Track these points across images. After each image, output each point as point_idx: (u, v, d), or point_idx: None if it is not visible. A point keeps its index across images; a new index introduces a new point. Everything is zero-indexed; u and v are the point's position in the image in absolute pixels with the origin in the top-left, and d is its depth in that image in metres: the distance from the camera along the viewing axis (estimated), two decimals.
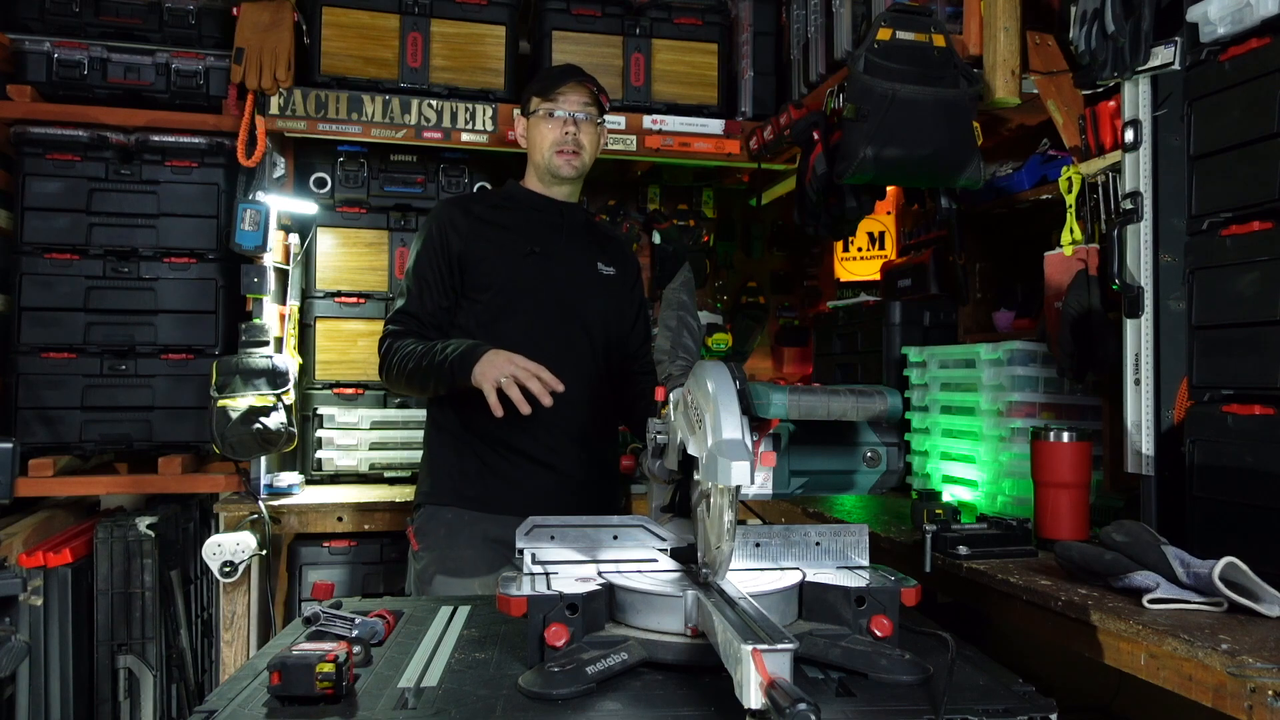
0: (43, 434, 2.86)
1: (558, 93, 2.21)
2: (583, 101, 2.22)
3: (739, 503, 1.16)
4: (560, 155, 2.21)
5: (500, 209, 2.26)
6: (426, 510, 2.14)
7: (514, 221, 2.23)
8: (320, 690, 1.06)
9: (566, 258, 2.22)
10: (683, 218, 3.79)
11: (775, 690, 0.90)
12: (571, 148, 2.21)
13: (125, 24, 3.03)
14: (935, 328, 2.80)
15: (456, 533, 2.08)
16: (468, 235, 2.17)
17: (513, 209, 2.26)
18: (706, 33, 3.30)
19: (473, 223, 2.19)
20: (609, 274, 2.29)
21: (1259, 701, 1.12)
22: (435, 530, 2.10)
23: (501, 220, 2.22)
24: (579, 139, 2.21)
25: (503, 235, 2.20)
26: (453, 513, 2.10)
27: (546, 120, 2.21)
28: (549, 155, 2.21)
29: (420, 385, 2.07)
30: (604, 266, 2.28)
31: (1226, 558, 1.37)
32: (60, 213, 2.91)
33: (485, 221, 2.21)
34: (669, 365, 1.43)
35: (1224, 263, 1.60)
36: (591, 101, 2.24)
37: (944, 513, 1.93)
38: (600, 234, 2.38)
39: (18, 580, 1.98)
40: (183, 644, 3.00)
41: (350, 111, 2.95)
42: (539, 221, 2.24)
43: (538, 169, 2.26)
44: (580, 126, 2.21)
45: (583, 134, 2.22)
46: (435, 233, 2.18)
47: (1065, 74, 2.06)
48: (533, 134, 2.25)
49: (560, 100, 2.21)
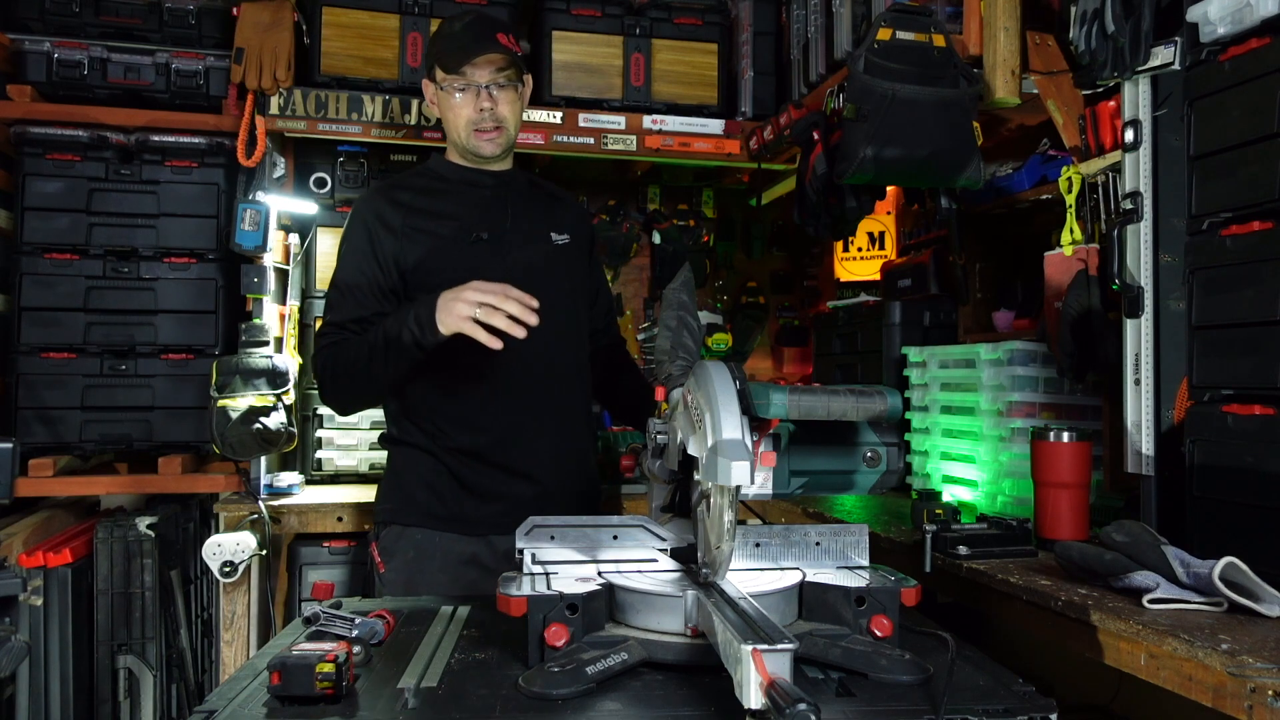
0: (43, 434, 2.86)
1: (461, 71, 1.93)
2: (496, 68, 1.94)
3: (739, 503, 1.16)
4: (479, 135, 1.98)
5: (432, 193, 2.02)
6: (393, 530, 1.96)
7: (451, 206, 2.00)
8: (320, 690, 1.06)
9: (517, 238, 2.00)
10: (683, 218, 3.79)
11: (775, 690, 0.90)
12: (491, 124, 1.97)
13: (125, 24, 3.03)
14: (935, 328, 2.80)
15: (428, 556, 1.92)
16: (402, 232, 1.94)
17: (447, 191, 2.03)
18: (706, 33, 3.29)
19: (405, 216, 1.96)
20: (563, 243, 2.07)
21: (1259, 701, 1.12)
22: (403, 552, 1.94)
23: (437, 207, 1.99)
24: (497, 113, 1.96)
25: (441, 224, 1.96)
26: (422, 534, 1.93)
27: (456, 94, 1.96)
28: (466, 136, 1.98)
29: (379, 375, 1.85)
30: (556, 235, 2.06)
31: (1226, 558, 1.37)
32: (60, 213, 2.91)
33: (419, 211, 1.97)
34: (669, 365, 1.43)
35: (1224, 263, 1.60)
36: (507, 64, 1.95)
37: (944, 513, 1.93)
38: (547, 196, 2.15)
39: (18, 580, 1.98)
40: (183, 644, 3.00)
41: (350, 111, 2.95)
42: (478, 200, 2.02)
43: (457, 147, 2.04)
44: (497, 98, 1.96)
45: (501, 105, 1.96)
46: (362, 234, 1.96)
47: (1065, 74, 2.06)
48: (443, 108, 1.99)
49: (469, 72, 1.93)
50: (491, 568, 1.91)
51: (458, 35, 1.96)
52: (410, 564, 1.93)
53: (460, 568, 1.92)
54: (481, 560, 1.93)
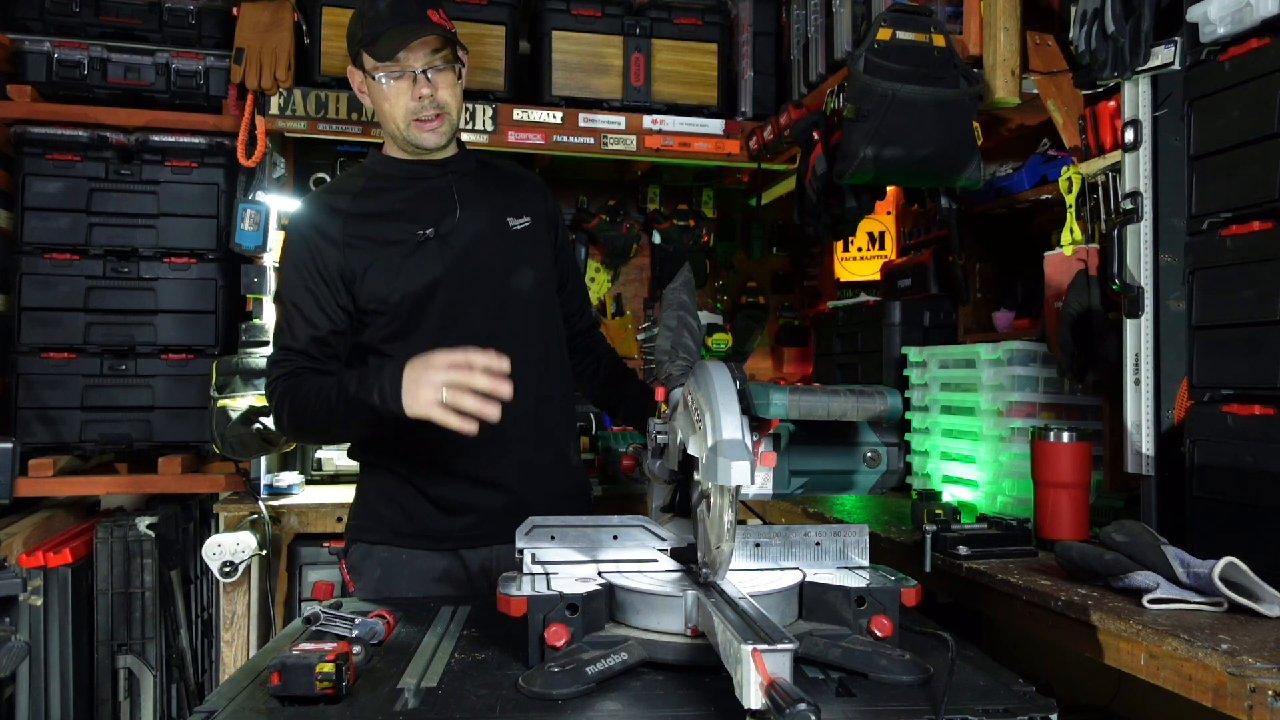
0: (43, 434, 2.86)
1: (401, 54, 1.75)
2: (431, 48, 1.77)
3: (739, 503, 1.16)
4: (419, 125, 1.79)
5: (371, 194, 1.84)
6: (359, 548, 1.85)
7: (393, 205, 1.82)
8: (320, 690, 1.06)
9: (469, 229, 1.82)
10: (683, 218, 3.79)
11: (775, 690, 0.90)
12: (431, 112, 1.79)
13: (125, 24, 3.03)
14: (935, 328, 2.80)
15: (394, 573, 1.80)
16: (344, 243, 1.76)
17: (388, 189, 1.84)
18: (706, 33, 3.29)
19: (345, 224, 1.78)
20: (522, 227, 1.89)
21: (1259, 701, 1.12)
22: (370, 571, 1.82)
23: (378, 208, 1.81)
24: (438, 99, 1.78)
25: (385, 227, 1.79)
26: (388, 551, 1.81)
27: (390, 82, 1.77)
28: (405, 127, 1.80)
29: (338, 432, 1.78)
30: (514, 220, 1.89)
31: (1226, 558, 1.37)
32: (60, 213, 2.91)
33: (359, 217, 1.80)
34: (669, 365, 1.43)
35: (1224, 263, 1.60)
36: (443, 44, 1.78)
37: (944, 513, 1.93)
38: (501, 177, 1.97)
39: (18, 580, 1.98)
40: (183, 644, 3.00)
41: (350, 111, 2.95)
42: (422, 194, 1.84)
43: (396, 140, 1.85)
44: (436, 82, 1.78)
45: (441, 90, 1.79)
46: (301, 247, 1.78)
47: (1065, 74, 2.06)
48: (376, 98, 1.81)
49: (403, 58, 1.75)
50: (464, 582, 1.81)
51: (384, 16, 1.76)
52: (378, 583, 1.81)
53: (431, 585, 1.80)
54: (453, 576, 1.82)
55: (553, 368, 1.91)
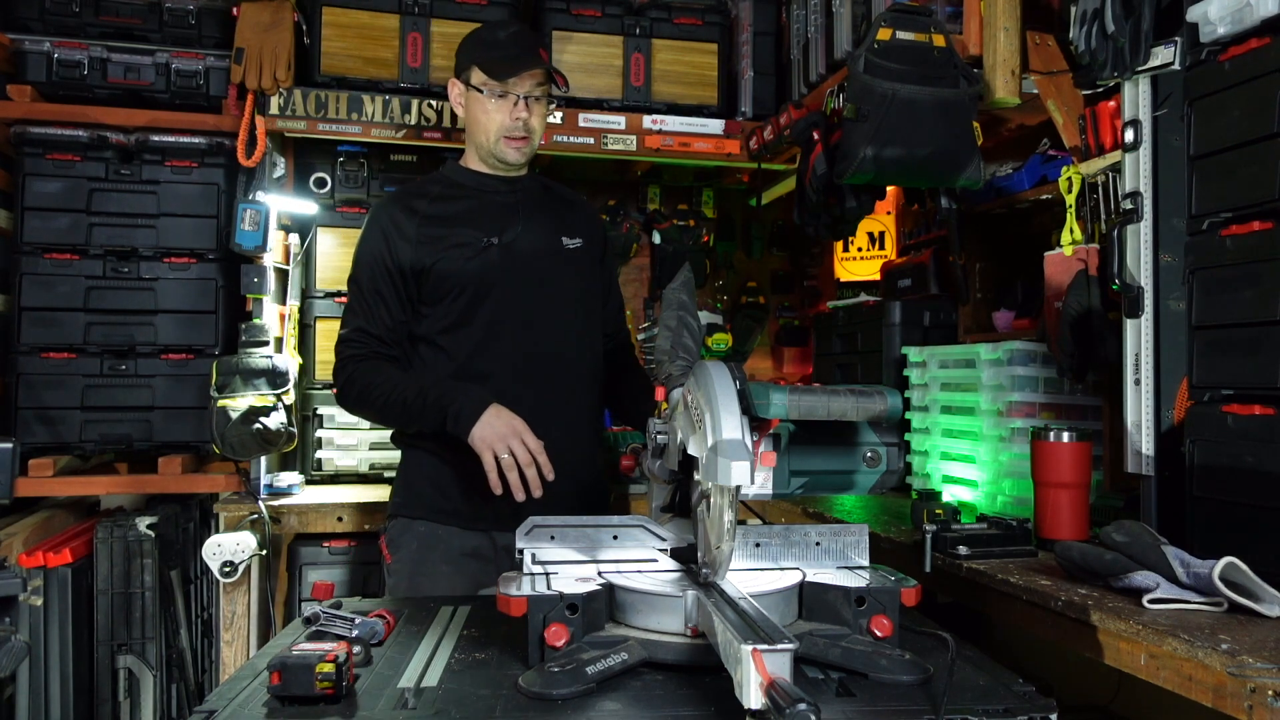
0: (43, 434, 2.86)
1: (512, 79, 1.99)
2: (536, 80, 2.01)
3: (739, 503, 1.16)
4: (508, 142, 2.03)
5: (446, 199, 2.06)
6: (399, 522, 2.03)
7: (464, 212, 2.04)
8: (320, 690, 1.06)
9: (528, 243, 2.04)
10: (683, 218, 3.79)
11: (775, 690, 0.90)
12: (521, 133, 2.02)
13: (125, 24, 3.03)
14: (935, 328, 2.80)
15: (430, 548, 1.98)
16: (416, 240, 1.98)
17: (461, 197, 2.07)
18: (706, 33, 3.29)
19: (419, 224, 2.00)
20: (575, 247, 2.11)
21: (1259, 701, 1.12)
22: (408, 544, 2.00)
23: (450, 213, 2.03)
24: (530, 123, 2.03)
25: (454, 232, 2.01)
26: (425, 526, 1.99)
27: (493, 100, 2.01)
28: (495, 141, 2.03)
29: (398, 421, 1.97)
30: (569, 240, 2.10)
31: (1226, 558, 1.37)
32: (60, 213, 2.91)
33: (432, 219, 2.02)
34: (669, 365, 1.43)
35: (1224, 263, 1.60)
36: (545, 79, 2.03)
37: (944, 513, 1.93)
38: (559, 201, 2.19)
39: (18, 580, 1.98)
40: (183, 644, 3.00)
41: (350, 111, 2.95)
42: (491, 206, 2.06)
43: (480, 151, 2.08)
44: (532, 109, 2.02)
45: (534, 117, 2.03)
46: (382, 241, 2.00)
47: (1065, 74, 2.06)
48: (474, 111, 2.04)
49: (512, 83, 2.00)
50: (492, 560, 1.97)
51: (504, 44, 2.03)
52: (414, 555, 1.98)
53: (462, 560, 1.97)
54: (483, 554, 1.99)
55: (586, 373, 2.10)
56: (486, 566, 1.97)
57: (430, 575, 1.96)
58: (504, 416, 1.81)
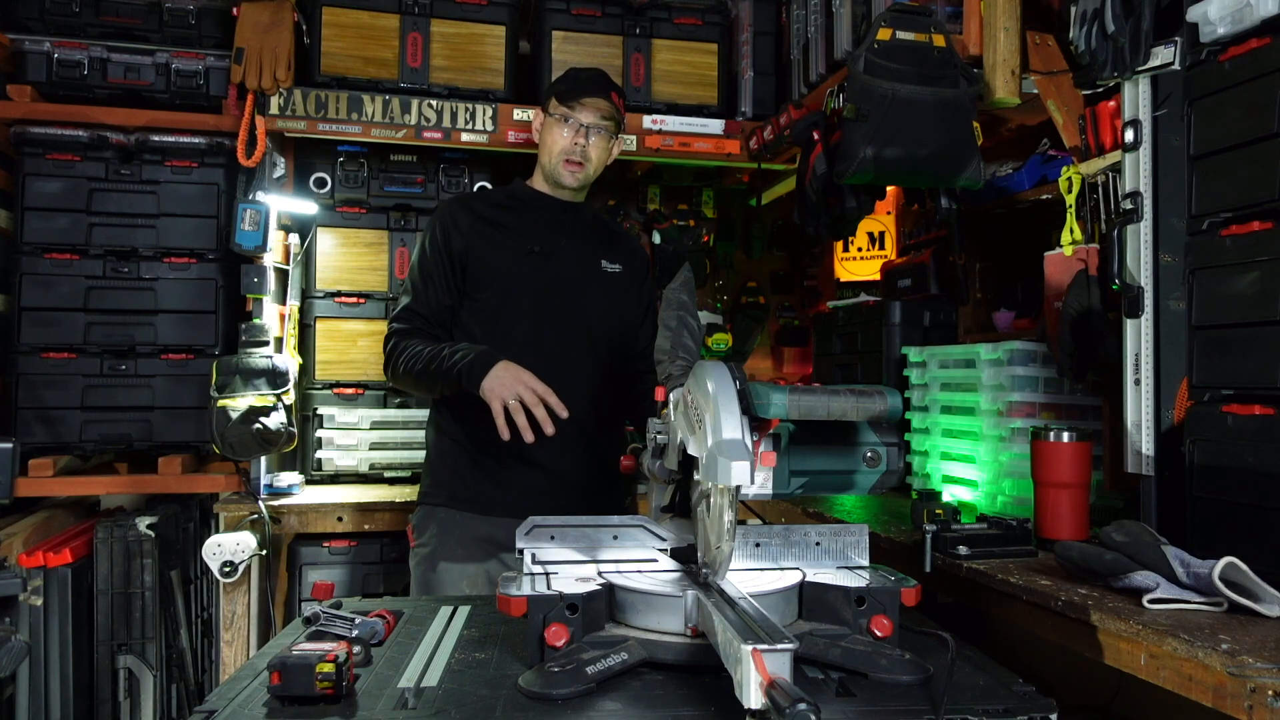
0: (43, 434, 2.86)
1: (578, 102, 2.19)
2: (600, 114, 2.20)
3: (739, 503, 1.16)
4: (566, 165, 2.21)
5: (504, 208, 2.26)
6: (423, 509, 2.19)
7: (517, 221, 2.23)
8: (320, 690, 1.06)
9: (569, 256, 2.22)
10: (683, 218, 3.79)
11: (775, 690, 0.90)
12: (578, 159, 2.21)
13: (125, 24, 3.03)
14: (935, 328, 2.80)
15: (448, 532, 2.13)
16: (469, 233, 2.18)
17: (516, 208, 2.26)
18: (706, 33, 3.30)
19: (475, 221, 2.20)
20: (614, 271, 2.28)
21: (1259, 701, 1.12)
22: (429, 529, 2.15)
23: (504, 220, 2.23)
24: (587, 151, 2.21)
25: (504, 234, 2.20)
26: (445, 512, 2.14)
27: (560, 125, 2.20)
28: (555, 162, 2.22)
29: (427, 386, 2.10)
30: (609, 264, 2.28)
31: (1226, 558, 1.37)
32: (60, 213, 2.91)
33: (487, 220, 2.21)
34: (669, 365, 1.43)
35: (1224, 263, 1.60)
36: (610, 115, 2.22)
37: (944, 513, 1.93)
38: (608, 232, 2.38)
39: (18, 580, 1.98)
40: (183, 644, 3.00)
41: (350, 111, 2.95)
42: (542, 220, 2.24)
43: (544, 171, 2.27)
44: (591, 139, 2.21)
45: (593, 147, 2.21)
46: (439, 231, 2.19)
47: (1065, 74, 2.06)
48: (545, 135, 2.25)
49: (578, 109, 2.19)
50: (505, 546, 2.06)
51: (582, 77, 2.26)
52: (434, 539, 2.13)
53: (476, 545, 2.10)
54: (496, 539, 2.09)
55: (606, 384, 2.22)
56: (498, 552, 2.10)
57: (447, 558, 2.11)
58: (512, 369, 1.92)
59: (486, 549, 2.11)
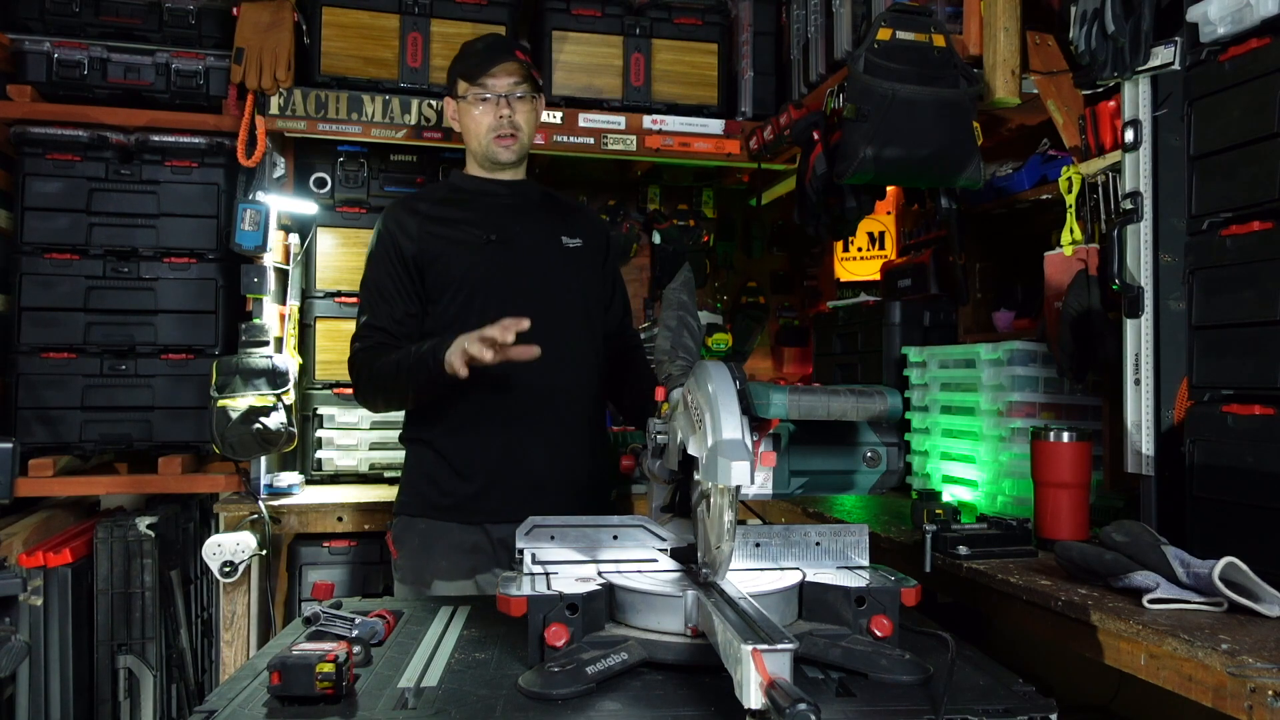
0: (43, 434, 2.86)
1: (487, 75, 2.08)
2: (514, 80, 2.09)
3: (739, 503, 1.16)
4: (498, 141, 2.11)
5: (450, 203, 2.16)
6: (402, 520, 2.11)
7: (465, 213, 2.13)
8: (320, 690, 1.06)
9: (527, 240, 2.12)
10: (683, 218, 3.79)
11: (775, 690, 0.90)
12: (508, 130, 2.10)
13: (125, 24, 3.03)
14: (935, 328, 2.80)
15: (430, 543, 2.05)
16: (418, 237, 2.07)
17: (462, 200, 2.16)
18: (706, 33, 3.30)
19: (421, 222, 2.10)
20: (575, 246, 2.17)
21: (1259, 701, 1.12)
22: (410, 540, 2.08)
23: (452, 214, 2.12)
24: (515, 120, 2.10)
25: (455, 230, 2.10)
26: (425, 523, 2.07)
27: (476, 104, 2.10)
28: (486, 141, 2.11)
29: (399, 395, 2.03)
30: (568, 240, 2.17)
31: (1226, 558, 1.37)
32: (60, 213, 2.91)
33: (434, 219, 2.11)
34: (669, 365, 1.43)
35: (1224, 263, 1.60)
36: (523, 77, 2.11)
37: (944, 513, 1.93)
38: (560, 206, 2.27)
39: (18, 580, 1.98)
40: (183, 644, 3.00)
41: (350, 111, 2.95)
42: (491, 207, 2.15)
43: (476, 156, 2.17)
44: (515, 106, 2.10)
45: (518, 114, 2.11)
46: (385, 240, 2.09)
47: (1065, 74, 2.06)
48: (465, 120, 2.14)
49: (489, 82, 2.08)
50: (489, 554, 2.04)
51: (479, 51, 2.13)
52: (416, 551, 2.06)
53: (461, 555, 2.03)
54: (480, 548, 2.05)
55: (583, 367, 2.13)
56: (484, 559, 2.04)
57: (432, 570, 2.03)
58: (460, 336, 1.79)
59: (470, 558, 2.03)
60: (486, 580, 2.03)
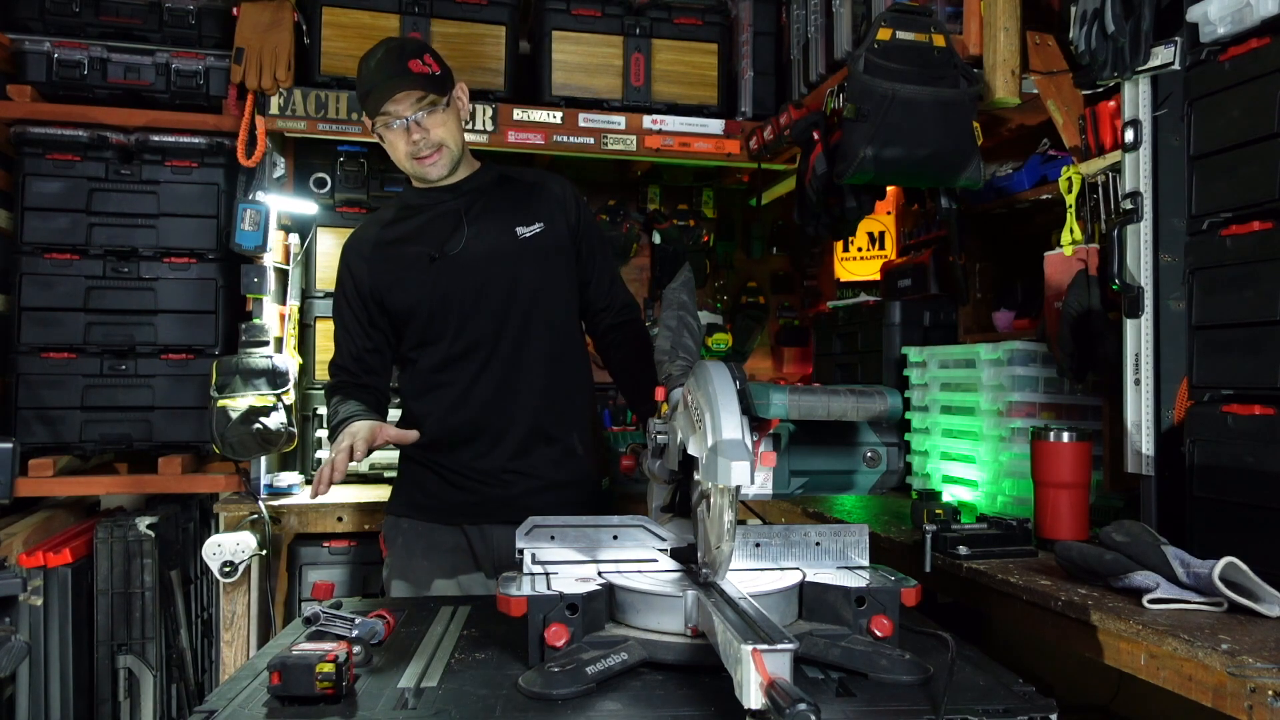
0: (43, 434, 2.86)
1: (385, 109, 1.95)
2: (415, 99, 1.95)
3: (739, 503, 1.16)
4: (421, 162, 2.01)
5: (398, 222, 2.09)
6: (390, 520, 2.14)
7: (412, 231, 2.06)
8: (320, 690, 1.06)
9: (476, 246, 2.02)
10: (683, 218, 3.79)
11: (775, 690, 0.91)
12: (428, 150, 1.99)
13: (125, 24, 3.03)
14: (935, 328, 2.80)
15: (412, 543, 2.08)
16: (373, 268, 2.04)
17: (408, 217, 2.09)
18: (706, 33, 3.29)
19: (373, 251, 2.05)
20: (533, 233, 2.05)
21: (1259, 701, 1.12)
22: (395, 539, 2.10)
23: (401, 234, 2.06)
24: (431, 138, 1.98)
25: (403, 252, 2.03)
26: (409, 523, 2.09)
27: (386, 132, 1.99)
28: (410, 166, 2.03)
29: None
30: (524, 229, 2.05)
31: (1226, 558, 1.37)
32: (60, 213, 2.91)
33: (384, 244, 2.06)
34: (669, 365, 1.43)
35: (1224, 263, 1.60)
36: (424, 91, 1.94)
37: (944, 513, 1.93)
38: (517, 189, 2.13)
39: (18, 580, 1.98)
40: (183, 644, 3.00)
41: (350, 111, 2.95)
42: (435, 219, 2.06)
43: (409, 174, 2.09)
44: (426, 124, 1.97)
45: (434, 130, 1.98)
46: (343, 275, 2.09)
47: (1065, 74, 2.06)
48: (384, 145, 2.05)
49: (392, 110, 1.95)
50: (470, 554, 2.07)
51: (371, 75, 1.96)
52: (401, 551, 2.09)
53: (443, 555, 2.06)
54: (461, 548, 2.07)
55: (562, 363, 2.08)
56: (464, 558, 2.06)
57: (415, 569, 2.07)
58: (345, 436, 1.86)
59: (450, 557, 2.04)
60: (468, 581, 2.05)
